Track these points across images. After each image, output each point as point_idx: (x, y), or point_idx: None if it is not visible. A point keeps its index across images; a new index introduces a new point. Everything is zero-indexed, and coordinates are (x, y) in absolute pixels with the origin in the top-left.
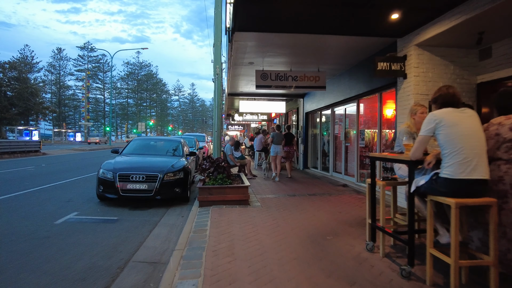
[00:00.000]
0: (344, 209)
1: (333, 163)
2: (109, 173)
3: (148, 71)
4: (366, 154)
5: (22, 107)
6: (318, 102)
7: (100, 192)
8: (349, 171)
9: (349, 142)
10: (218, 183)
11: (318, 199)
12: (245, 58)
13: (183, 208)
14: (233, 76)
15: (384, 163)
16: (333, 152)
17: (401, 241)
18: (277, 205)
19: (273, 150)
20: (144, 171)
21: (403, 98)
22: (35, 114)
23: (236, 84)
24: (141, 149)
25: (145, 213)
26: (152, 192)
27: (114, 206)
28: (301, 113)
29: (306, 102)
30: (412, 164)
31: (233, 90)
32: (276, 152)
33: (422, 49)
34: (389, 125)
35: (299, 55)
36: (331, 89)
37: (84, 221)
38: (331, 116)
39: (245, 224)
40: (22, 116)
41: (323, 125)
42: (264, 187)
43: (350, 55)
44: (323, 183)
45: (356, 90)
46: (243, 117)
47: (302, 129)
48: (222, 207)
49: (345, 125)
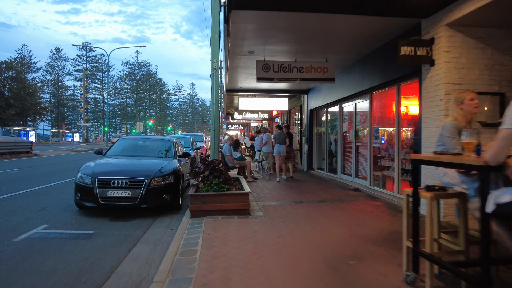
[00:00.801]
0: (362, 221)
1: (342, 164)
2: (87, 178)
3: (147, 70)
4: (381, 154)
5: (19, 107)
6: (324, 98)
7: (78, 200)
8: (361, 173)
9: (361, 141)
10: (213, 189)
11: (329, 207)
12: (244, 45)
13: (173, 218)
14: (231, 69)
15: (403, 164)
16: (341, 152)
17: (467, 279)
18: (282, 215)
19: (276, 150)
20: (127, 175)
21: (430, 89)
22: (32, 115)
23: (234, 78)
24: (127, 150)
25: (128, 225)
26: (137, 200)
27: (93, 216)
28: (304, 110)
29: (311, 98)
30: (487, 170)
31: (232, 86)
32: (279, 151)
33: (454, 30)
34: (410, 122)
35: (305, 42)
36: (340, 83)
37: (52, 236)
38: (339, 113)
39: (245, 243)
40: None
41: (329, 123)
42: (266, 191)
43: (362, 42)
44: (332, 187)
45: (369, 82)
46: (243, 116)
47: (306, 127)
48: (217, 218)
49: (355, 123)
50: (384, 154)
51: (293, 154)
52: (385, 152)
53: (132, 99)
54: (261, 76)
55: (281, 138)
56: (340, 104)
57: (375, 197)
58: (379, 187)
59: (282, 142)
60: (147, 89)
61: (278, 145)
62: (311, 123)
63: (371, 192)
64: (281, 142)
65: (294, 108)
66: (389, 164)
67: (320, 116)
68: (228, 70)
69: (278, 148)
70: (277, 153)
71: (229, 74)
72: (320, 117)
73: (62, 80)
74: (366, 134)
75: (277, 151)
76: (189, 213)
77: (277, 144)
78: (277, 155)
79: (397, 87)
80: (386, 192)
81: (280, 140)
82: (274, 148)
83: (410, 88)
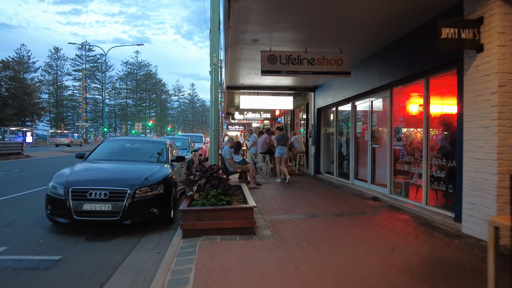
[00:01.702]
0: (395, 242)
1: (355, 168)
2: (60, 188)
3: (147, 71)
4: (404, 158)
5: (17, 107)
6: (334, 95)
7: (49, 214)
8: (378, 179)
9: (378, 143)
10: (210, 202)
11: (349, 222)
12: (247, 32)
13: (162, 236)
14: (232, 62)
15: (433, 170)
16: (354, 155)
17: None
18: (295, 235)
19: (279, 152)
20: (107, 185)
21: (475, 80)
22: (30, 115)
23: (236, 73)
24: (113, 153)
25: (106, 247)
26: (119, 215)
27: (67, 233)
28: (311, 109)
29: (318, 96)
30: None
31: (233, 82)
32: (281, 153)
33: (511, 7)
34: (441, 121)
35: (318, 29)
36: (353, 79)
37: (5, 265)
38: (351, 112)
39: (252, 279)
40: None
41: (339, 123)
42: (272, 201)
43: (384, 28)
44: (346, 195)
45: (389, 76)
46: (244, 116)
47: (313, 128)
48: (215, 240)
49: (371, 123)
50: (408, 159)
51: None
52: (409, 156)
53: (132, 99)
54: (267, 69)
55: (284, 140)
56: (353, 102)
57: (399, 209)
58: (401, 196)
59: (285, 144)
60: (147, 89)
61: (281, 147)
62: (318, 123)
63: (393, 202)
64: (284, 144)
65: (299, 108)
66: (414, 170)
67: (329, 115)
68: (229, 64)
69: (282, 150)
70: (280, 155)
71: (229, 69)
72: (328, 117)
73: (61, 80)
74: (385, 135)
75: (280, 153)
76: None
77: (280, 146)
78: (279, 157)
79: (426, 81)
80: (411, 203)
81: (283, 142)
82: (276, 150)
83: (442, 82)
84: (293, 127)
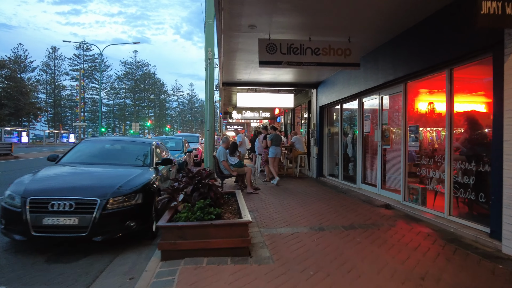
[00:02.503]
0: (424, 267)
1: (362, 171)
2: (17, 198)
3: (146, 70)
4: (421, 161)
5: (12, 107)
6: (340, 91)
7: (3, 229)
8: (390, 184)
9: (389, 143)
10: (196, 216)
11: (363, 237)
12: (243, 15)
13: (141, 253)
14: (227, 53)
15: (456, 174)
16: (361, 157)
17: None
18: (300, 257)
19: (273, 152)
20: (73, 194)
21: None
22: (26, 115)
23: (232, 67)
24: (90, 156)
25: (68, 271)
26: (87, 230)
27: (25, 252)
28: (313, 107)
29: (321, 93)
30: None
31: (229, 78)
32: (275, 153)
33: None
34: (470, 119)
35: (323, 13)
36: (361, 72)
37: None
38: (358, 110)
39: None
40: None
41: (345, 122)
42: (271, 209)
43: (399, 11)
44: (354, 202)
45: (404, 68)
46: (242, 115)
47: (315, 127)
48: (201, 264)
49: (381, 121)
50: (425, 161)
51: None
52: (427, 159)
53: (130, 99)
54: (265, 60)
55: (278, 140)
56: (360, 99)
57: (417, 219)
58: (416, 203)
59: (278, 144)
60: (145, 89)
61: (275, 147)
62: (321, 122)
63: (408, 211)
64: (278, 144)
65: (300, 106)
66: (433, 174)
67: (333, 113)
68: (224, 56)
69: (276, 150)
70: (273, 155)
71: (224, 62)
72: (332, 115)
73: (59, 80)
74: (398, 135)
75: (273, 153)
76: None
77: (273, 146)
78: (273, 158)
79: (449, 72)
80: (430, 212)
81: (277, 142)
82: (270, 150)
83: (469, 73)
84: (294, 127)
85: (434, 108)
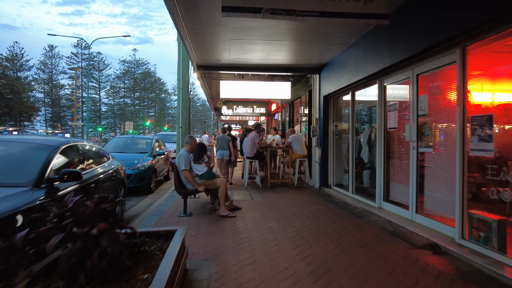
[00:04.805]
0: None
1: (384, 184)
2: None
3: (146, 69)
4: (498, 176)
5: (3, 106)
6: (351, 73)
7: None
8: (432, 206)
9: (431, 144)
10: None
11: None
12: None
13: None
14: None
15: None
16: (382, 163)
17: None
18: None
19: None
20: None
21: None
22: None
23: (201, 39)
24: None
25: None
26: None
27: None
28: (315, 98)
29: (325, 79)
30: None
31: (205, 59)
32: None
33: None
34: None
35: None
36: (383, 41)
37: None
38: (379, 97)
39: None
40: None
41: (357, 115)
42: (245, 250)
43: None
44: (378, 238)
45: (462, 23)
46: (234, 111)
47: (317, 123)
48: None
49: (416, 111)
50: (504, 176)
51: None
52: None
53: (130, 98)
54: (232, 4)
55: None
56: (381, 81)
57: (501, 283)
58: (487, 246)
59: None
60: (145, 88)
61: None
62: (325, 116)
63: (477, 261)
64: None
65: (300, 98)
66: None
67: (341, 105)
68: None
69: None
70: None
71: (189, 31)
72: (340, 107)
73: (57, 79)
74: (449, 131)
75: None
76: None
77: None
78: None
79: None
80: None
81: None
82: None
83: None
84: (293, 124)
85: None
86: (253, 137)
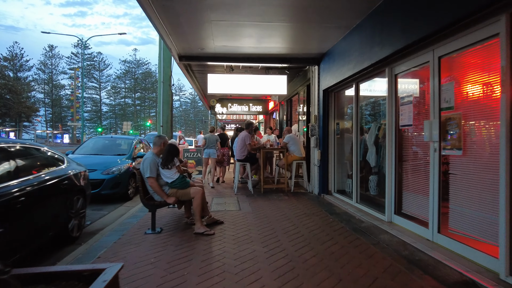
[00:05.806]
0: None
1: (395, 193)
2: None
3: (146, 69)
4: None
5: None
6: (355, 62)
7: None
8: (461, 225)
9: (459, 146)
10: None
11: None
12: None
13: None
14: None
15: None
16: (393, 167)
17: None
18: None
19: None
20: None
21: None
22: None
23: (178, 21)
24: None
25: None
26: None
27: None
28: (314, 92)
29: (325, 71)
30: None
31: (186, 47)
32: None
33: None
34: None
35: None
36: (392, 20)
37: None
38: (388, 88)
39: None
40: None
41: (363, 111)
42: None
43: None
44: (393, 268)
45: None
46: (229, 109)
47: (317, 120)
48: None
49: (439, 103)
50: None
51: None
52: None
53: (131, 98)
54: None
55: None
56: (391, 69)
57: None
58: None
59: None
60: (146, 88)
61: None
62: (325, 112)
63: None
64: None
65: (298, 94)
66: None
67: (344, 100)
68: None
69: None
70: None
71: (162, 9)
72: (342, 102)
73: (57, 79)
74: (485, 130)
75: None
76: None
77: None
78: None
79: None
80: None
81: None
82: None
83: None
84: (290, 123)
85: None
86: (243, 137)
